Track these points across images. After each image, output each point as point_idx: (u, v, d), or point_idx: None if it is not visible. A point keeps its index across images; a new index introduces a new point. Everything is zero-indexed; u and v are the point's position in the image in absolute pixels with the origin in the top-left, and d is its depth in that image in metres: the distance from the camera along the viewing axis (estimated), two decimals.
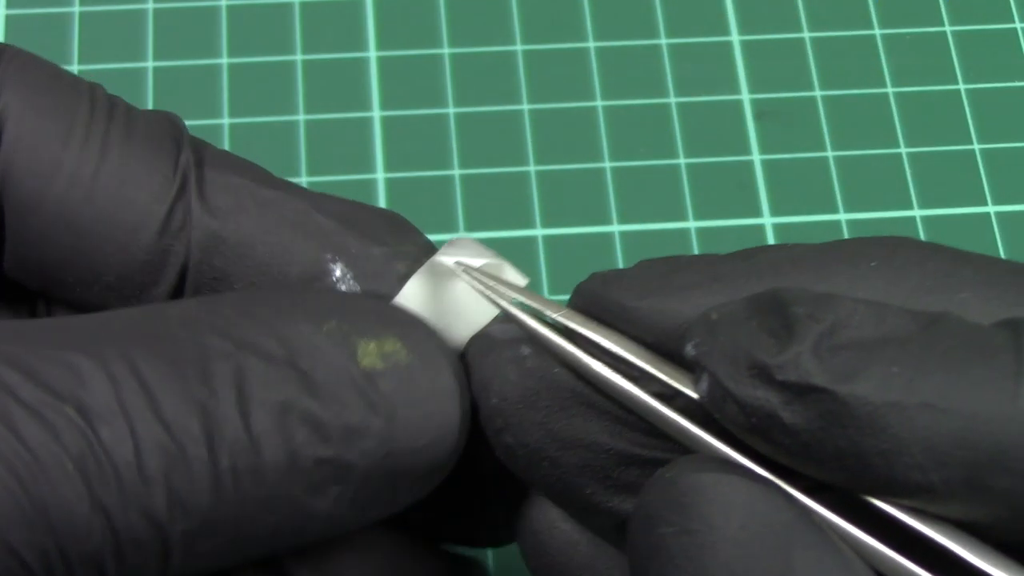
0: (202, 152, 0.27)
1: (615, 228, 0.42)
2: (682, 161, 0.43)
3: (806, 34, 0.45)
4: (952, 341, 0.21)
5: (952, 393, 0.20)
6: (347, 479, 0.22)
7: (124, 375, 0.21)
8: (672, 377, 0.23)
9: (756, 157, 0.43)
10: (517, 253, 0.41)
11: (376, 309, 0.24)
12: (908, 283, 0.23)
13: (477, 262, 0.26)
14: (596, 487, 0.24)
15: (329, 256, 0.26)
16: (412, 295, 0.25)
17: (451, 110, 0.43)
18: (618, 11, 0.45)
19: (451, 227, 0.41)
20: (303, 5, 0.45)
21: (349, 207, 0.26)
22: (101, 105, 0.26)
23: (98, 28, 0.44)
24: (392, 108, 0.43)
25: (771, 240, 0.42)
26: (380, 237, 0.26)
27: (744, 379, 0.21)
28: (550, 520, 0.25)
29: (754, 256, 0.24)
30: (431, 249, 0.27)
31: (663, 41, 0.45)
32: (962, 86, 0.44)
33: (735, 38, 0.45)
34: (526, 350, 0.24)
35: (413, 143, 0.43)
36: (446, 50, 0.44)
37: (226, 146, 0.42)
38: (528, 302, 0.24)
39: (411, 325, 0.24)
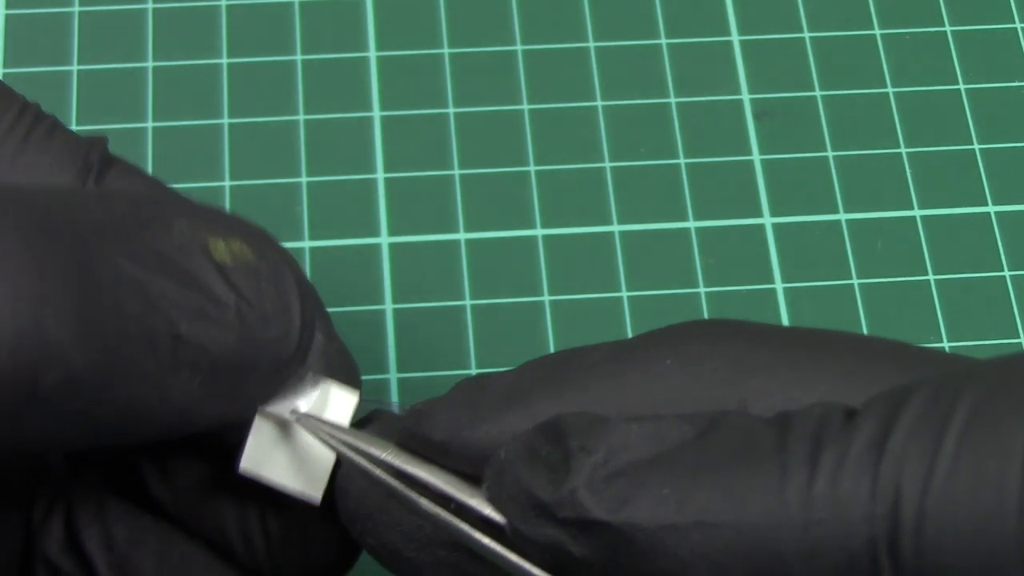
0: (113, 159, 0.28)
1: (615, 228, 0.42)
2: (682, 161, 0.43)
3: (806, 34, 0.45)
4: (722, 449, 0.21)
5: (721, 507, 0.20)
6: (198, 363, 0.23)
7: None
8: (489, 508, 0.23)
9: (756, 157, 0.43)
10: (517, 253, 0.41)
11: (221, 216, 0.25)
12: (703, 378, 0.23)
13: (305, 406, 0.26)
14: None
15: None
16: (256, 450, 0.26)
17: (451, 110, 0.43)
18: (618, 11, 0.45)
19: (451, 227, 0.41)
20: (303, 5, 0.45)
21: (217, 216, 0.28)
22: (30, 112, 0.28)
23: (98, 28, 0.44)
24: (392, 108, 0.43)
25: (771, 240, 0.42)
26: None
27: (531, 519, 0.22)
28: None
29: (554, 370, 0.24)
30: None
31: (663, 41, 0.45)
32: (962, 86, 0.44)
33: (735, 38, 0.45)
34: None
35: (413, 143, 0.43)
36: (446, 50, 0.44)
37: (226, 146, 0.42)
38: (358, 444, 0.25)
39: (254, 231, 0.25)
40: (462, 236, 0.41)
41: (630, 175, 0.43)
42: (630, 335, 0.40)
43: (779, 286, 0.41)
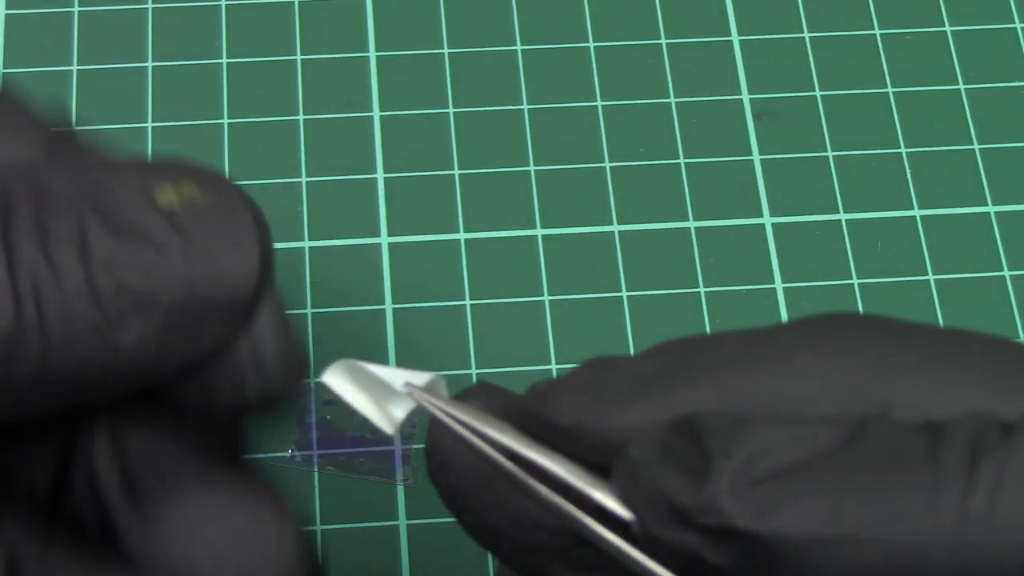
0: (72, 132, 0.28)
1: (615, 228, 0.42)
2: (682, 161, 0.43)
3: (806, 34, 0.45)
4: (871, 458, 0.20)
5: (872, 520, 0.20)
6: (150, 311, 0.23)
7: None
8: (613, 502, 0.23)
9: (756, 157, 0.43)
10: (517, 253, 0.41)
11: (171, 163, 0.25)
12: (844, 376, 0.22)
13: (419, 381, 0.25)
14: (556, 566, 0.24)
15: None
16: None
17: (451, 110, 0.43)
18: (618, 11, 0.45)
19: (451, 227, 0.41)
20: (303, 5, 0.45)
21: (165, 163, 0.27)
22: None
23: (98, 28, 0.44)
24: (392, 108, 0.43)
25: (771, 240, 0.42)
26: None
27: (666, 522, 0.21)
28: None
29: (685, 358, 0.23)
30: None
31: (663, 41, 0.45)
32: (962, 86, 0.44)
33: (735, 38, 0.45)
34: None
35: (413, 143, 0.43)
36: (446, 50, 0.44)
37: (226, 146, 0.42)
38: (472, 422, 0.24)
39: (207, 173, 0.25)
40: (462, 236, 0.41)
41: (630, 175, 0.43)
42: (630, 335, 0.40)
43: (779, 286, 0.41)
